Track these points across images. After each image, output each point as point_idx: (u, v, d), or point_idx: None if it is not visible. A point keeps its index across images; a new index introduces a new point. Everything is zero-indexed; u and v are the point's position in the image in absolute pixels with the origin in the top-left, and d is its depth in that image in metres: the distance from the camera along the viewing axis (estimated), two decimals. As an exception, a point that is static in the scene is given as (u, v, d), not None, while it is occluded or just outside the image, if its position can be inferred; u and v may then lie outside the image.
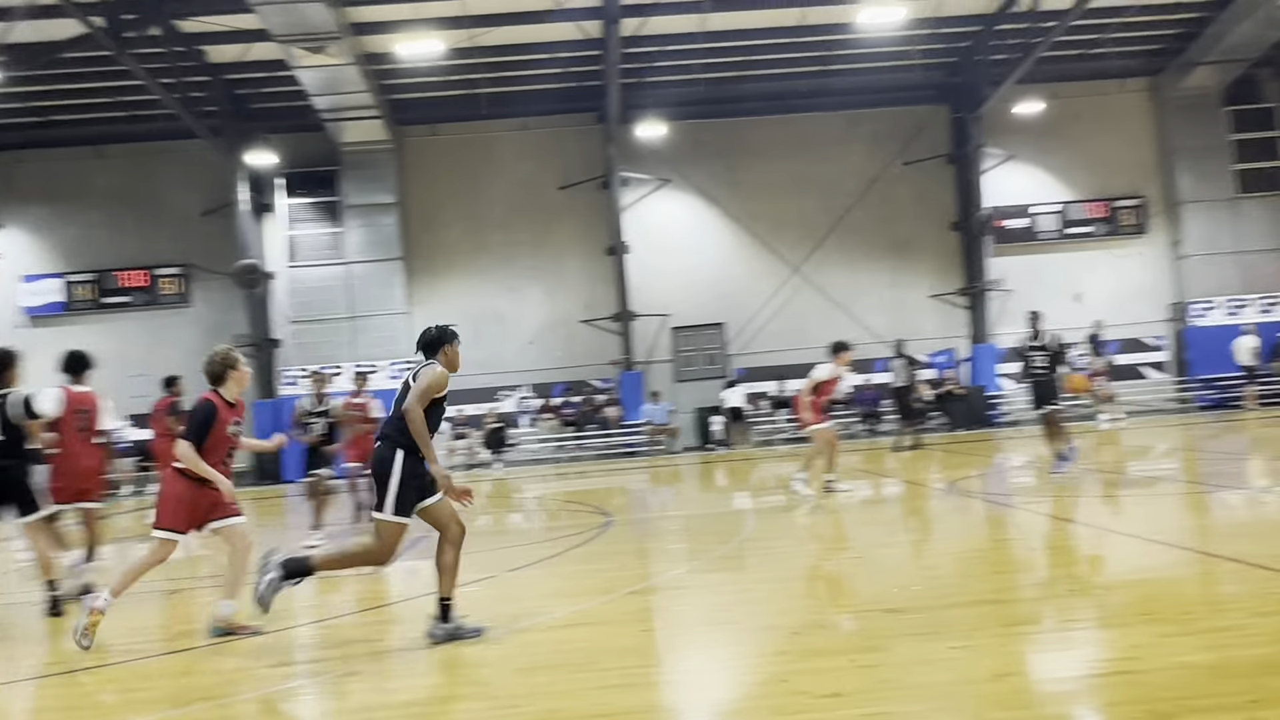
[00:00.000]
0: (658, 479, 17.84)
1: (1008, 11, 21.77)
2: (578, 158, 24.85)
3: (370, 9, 19.65)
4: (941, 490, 12.04)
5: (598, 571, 7.80)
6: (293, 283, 24.45)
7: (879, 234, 25.33)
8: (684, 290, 24.83)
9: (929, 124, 25.32)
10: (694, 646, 5.45)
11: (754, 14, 21.24)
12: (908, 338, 24.68)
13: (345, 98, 21.68)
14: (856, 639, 4.96)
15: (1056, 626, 5.25)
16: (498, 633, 5.66)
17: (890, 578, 6.67)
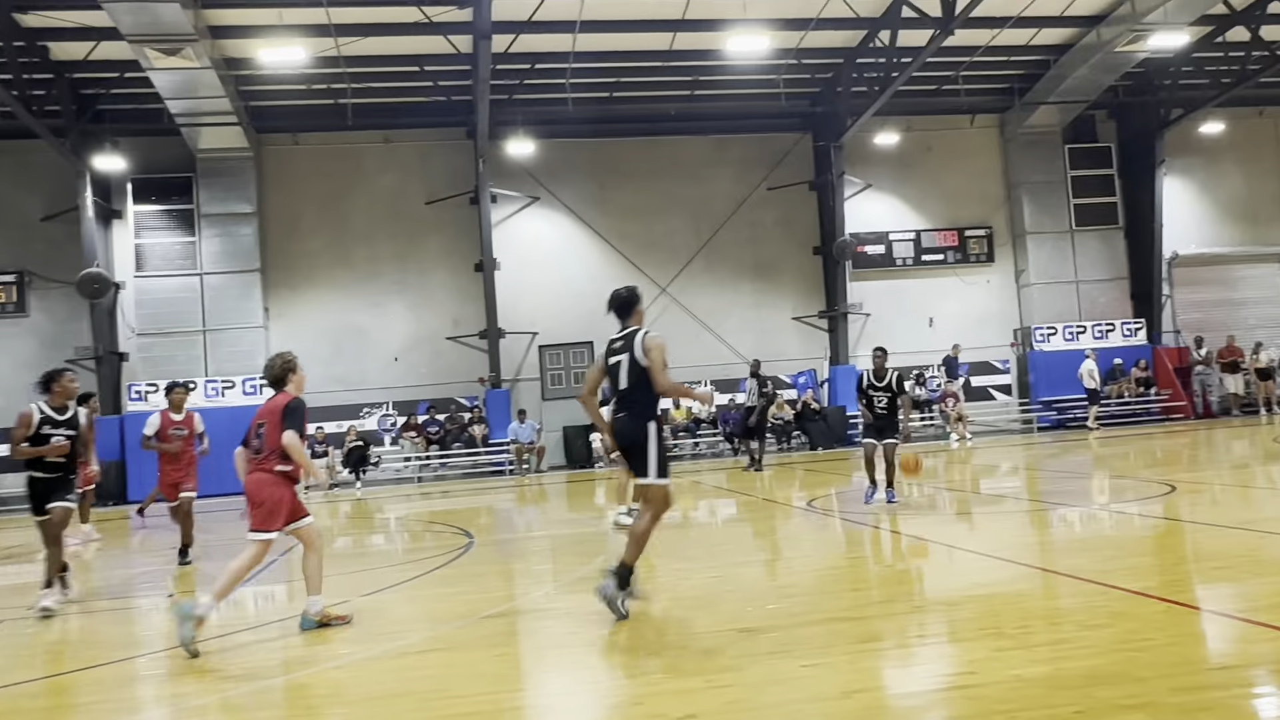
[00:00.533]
0: (523, 498, 17.70)
1: (867, 47, 22.62)
2: (446, 172, 24.56)
3: (230, 12, 18.99)
4: (800, 509, 12.32)
5: (458, 594, 7.67)
6: (141, 293, 23.32)
7: (744, 256, 25.89)
8: (552, 308, 24.78)
9: (793, 151, 26.06)
10: (550, 671, 5.41)
11: (625, 36, 21.46)
12: (771, 358, 25.42)
13: (202, 102, 20.87)
14: (712, 660, 5.00)
15: (904, 643, 5.41)
16: (349, 659, 5.49)
17: (747, 597, 6.77)
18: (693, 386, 11.09)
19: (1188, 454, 17.11)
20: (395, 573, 8.80)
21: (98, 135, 22.39)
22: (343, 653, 5.79)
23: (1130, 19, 21.63)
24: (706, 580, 7.55)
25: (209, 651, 6.25)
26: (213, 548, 11.65)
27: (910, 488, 13.18)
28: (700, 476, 18.43)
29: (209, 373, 23.07)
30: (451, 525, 12.81)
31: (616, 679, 5.04)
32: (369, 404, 23.96)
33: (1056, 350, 25.91)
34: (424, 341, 24.52)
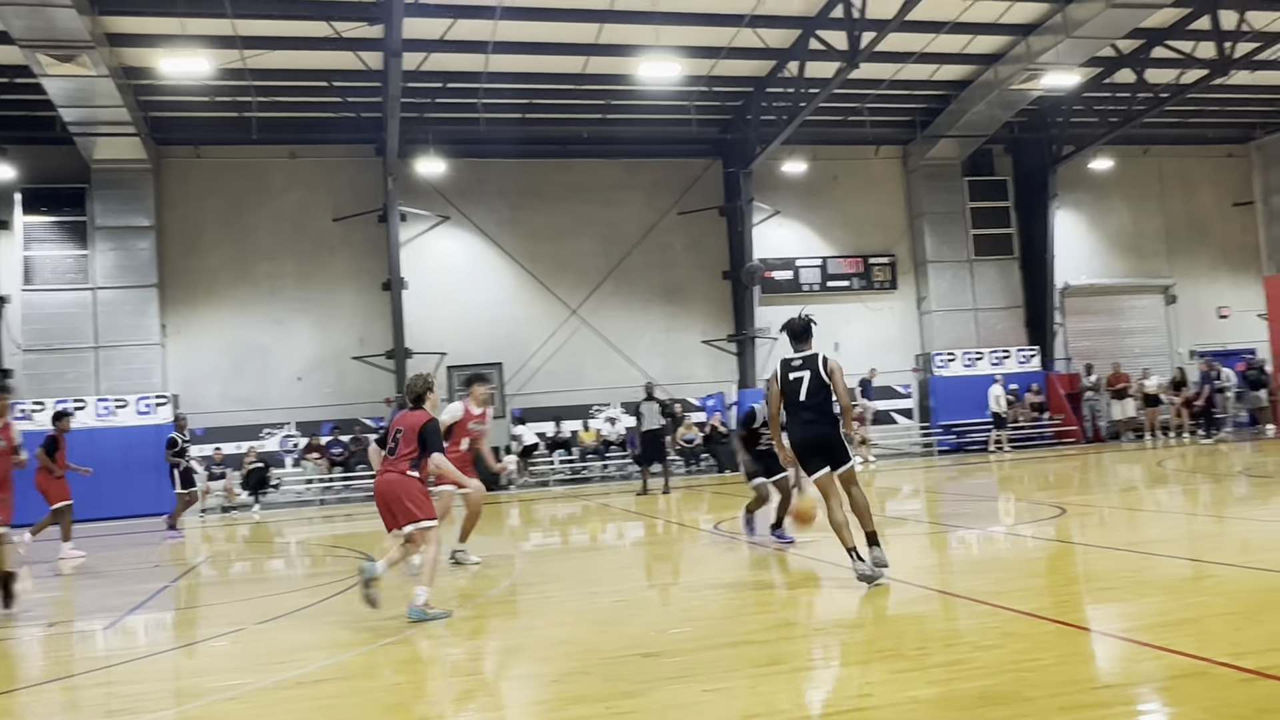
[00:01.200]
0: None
1: (776, 77, 23.09)
2: (354, 189, 24.19)
3: (131, 20, 18.44)
4: (707, 532, 12.40)
5: (359, 621, 7.49)
6: (28, 308, 22.37)
7: (655, 280, 26.07)
8: (462, 329, 24.57)
9: (703, 176, 26.39)
10: (450, 698, 5.33)
11: (538, 59, 21.50)
12: (681, 381, 25.62)
13: (98, 111, 20.19)
14: (614, 685, 4.99)
15: (804, 666, 5.49)
16: (243, 689, 5.33)
17: (652, 621, 6.78)
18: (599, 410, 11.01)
19: (1078, 477, 17.75)
20: (294, 598, 8.58)
21: (-16, 143, 21.47)
22: (236, 683, 5.61)
23: (1025, 58, 22.53)
24: (611, 604, 7.54)
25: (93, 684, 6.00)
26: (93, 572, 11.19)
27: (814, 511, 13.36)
28: (609, 499, 18.41)
29: (101, 391, 22.19)
30: (354, 550, 12.54)
31: (517, 706, 4.98)
32: (270, 424, 23.34)
33: (956, 375, 26.69)
34: (329, 361, 24.03)
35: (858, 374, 25.93)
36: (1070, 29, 20.97)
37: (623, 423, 24.61)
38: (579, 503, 17.30)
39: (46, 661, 7.03)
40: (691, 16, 20.17)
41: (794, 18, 20.85)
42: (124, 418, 21.72)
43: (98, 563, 12.86)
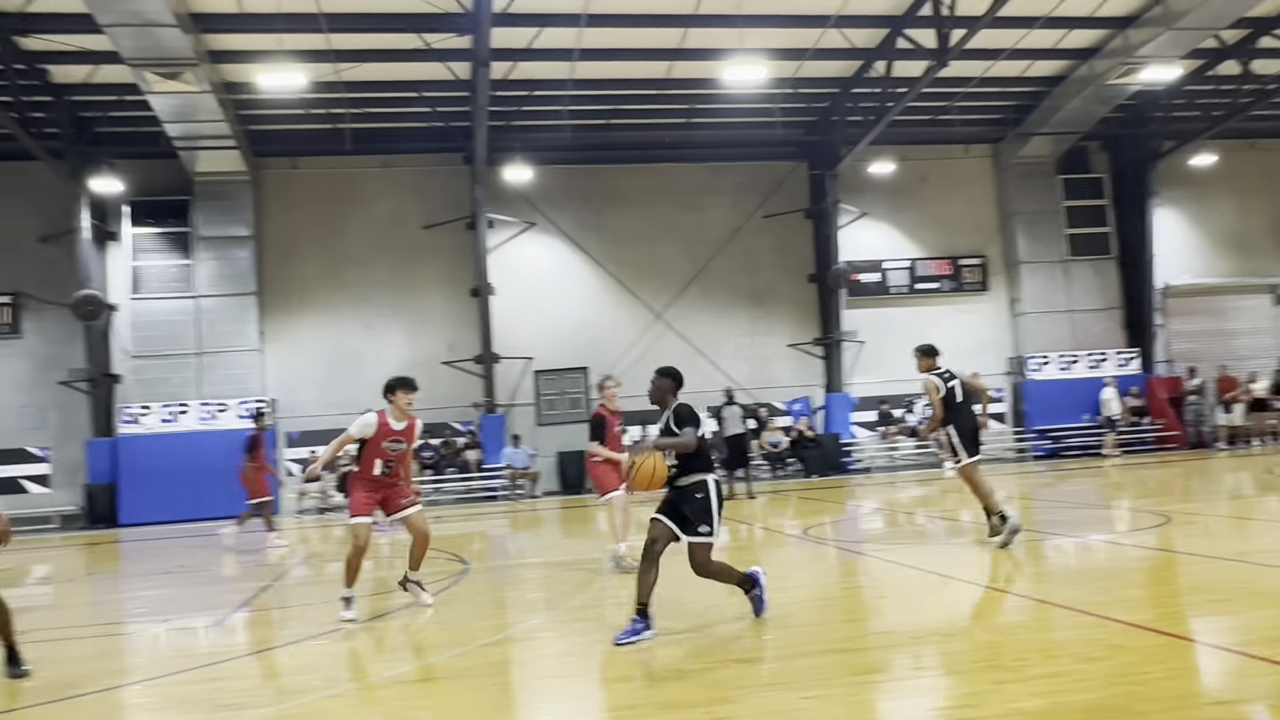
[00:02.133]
0: (517, 524, 17.64)
1: (863, 77, 22.82)
2: (443, 197, 24.65)
3: (230, 37, 19.09)
4: (795, 537, 12.30)
5: (452, 622, 7.63)
6: (136, 316, 23.28)
7: (739, 283, 25.97)
8: (548, 334, 24.83)
9: (788, 179, 26.20)
10: (547, 700, 5.38)
11: (622, 65, 21.61)
12: (766, 385, 25.49)
13: (200, 126, 20.93)
14: (710, 690, 4.98)
15: (902, 675, 5.40)
16: (346, 688, 5.46)
17: (743, 627, 6.75)
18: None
19: (1182, 484, 17.12)
20: (389, 599, 8.76)
21: (96, 158, 22.42)
22: (337, 681, 5.76)
23: (1123, 52, 21.86)
24: (701, 609, 7.53)
25: (201, 680, 6.21)
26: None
27: (900, 516, 13.20)
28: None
29: (203, 395, 23.01)
30: (445, 551, 12.76)
31: (613, 710, 5.01)
32: (364, 428, 23.85)
33: (1050, 379, 26.00)
34: (419, 366, 24.42)
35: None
36: (1171, 21, 20.27)
37: (707, 427, 24.52)
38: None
39: (158, 657, 7.31)
40: (777, 19, 20.07)
41: (881, 17, 20.59)
42: (224, 421, 22.47)
43: (203, 562, 13.31)
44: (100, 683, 6.22)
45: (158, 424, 22.54)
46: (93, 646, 7.80)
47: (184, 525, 19.85)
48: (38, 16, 17.83)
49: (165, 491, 21.50)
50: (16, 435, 22.81)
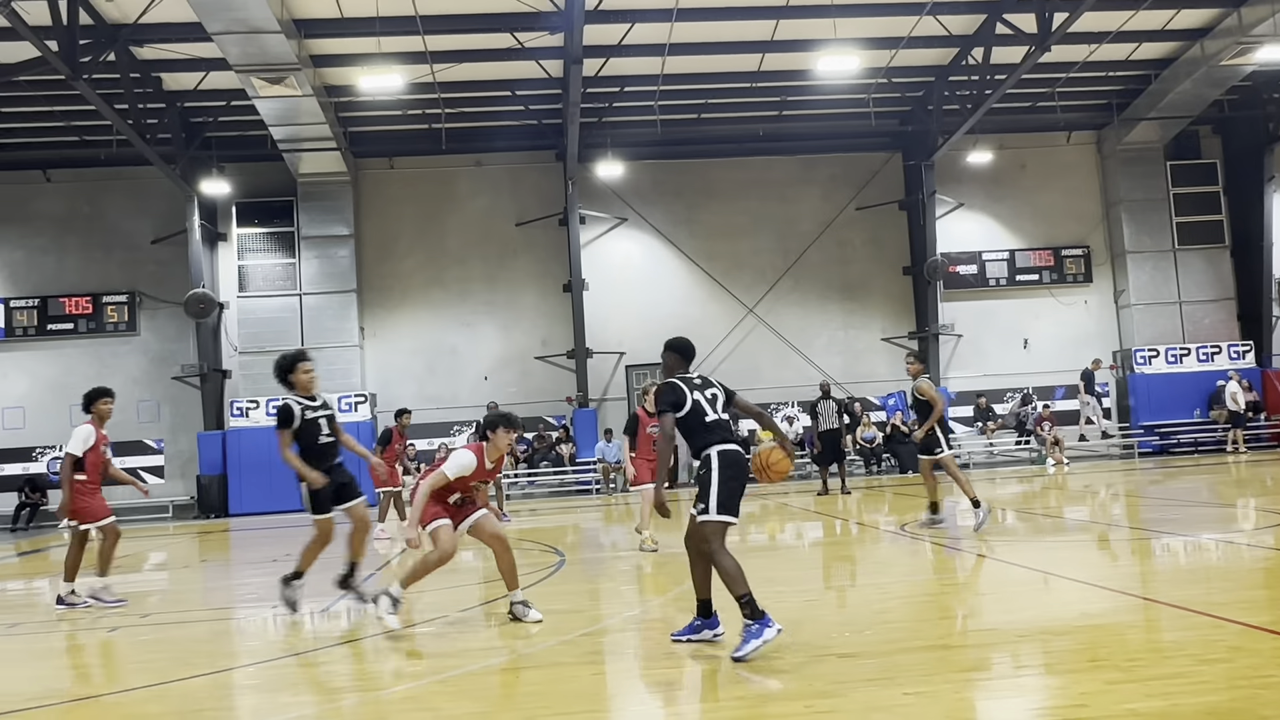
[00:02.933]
0: (610, 518, 17.76)
1: (959, 64, 22.32)
2: (536, 195, 24.96)
3: (331, 41, 19.64)
4: (890, 532, 12.12)
5: (550, 612, 7.72)
6: (243, 313, 24.15)
7: (832, 276, 25.69)
8: (640, 328, 24.91)
9: (882, 170, 25.82)
10: (646, 691, 5.41)
11: (713, 59, 21.55)
12: (860, 380, 25.16)
13: (303, 129, 21.58)
14: (811, 684, 4.95)
15: (1007, 673, 5.29)
16: (452, 673, 5.58)
17: (843, 621, 6.69)
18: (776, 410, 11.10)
19: (1302, 482, 16.35)
20: (487, 589, 8.92)
21: (205, 161, 23.34)
22: (443, 667, 5.88)
23: (1236, 32, 20.94)
24: (799, 603, 7.48)
25: (313, 664, 6.42)
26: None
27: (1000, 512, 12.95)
28: (787, 499, 18.27)
29: (307, 390, 23.69)
30: (540, 543, 12.93)
31: (713, 701, 5.01)
32: (460, 422, 24.36)
33: (1158, 373, 25.08)
34: (513, 361, 24.88)
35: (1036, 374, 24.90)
36: (1289, -3, 19.38)
37: (800, 422, 24.39)
38: (757, 502, 17.22)
39: (267, 641, 7.57)
40: (870, 7, 19.79)
41: (979, 2, 20.13)
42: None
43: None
44: (214, 664, 6.48)
45: (264, 418, 23.30)
46: (206, 630, 8.12)
47: (288, 515, 20.51)
48: (152, 26, 18.59)
49: (271, 483, 22.22)
50: (134, 428, 23.89)
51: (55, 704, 5.58)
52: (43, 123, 22.95)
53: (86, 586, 9.14)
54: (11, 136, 23.62)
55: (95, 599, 8.95)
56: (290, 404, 7.81)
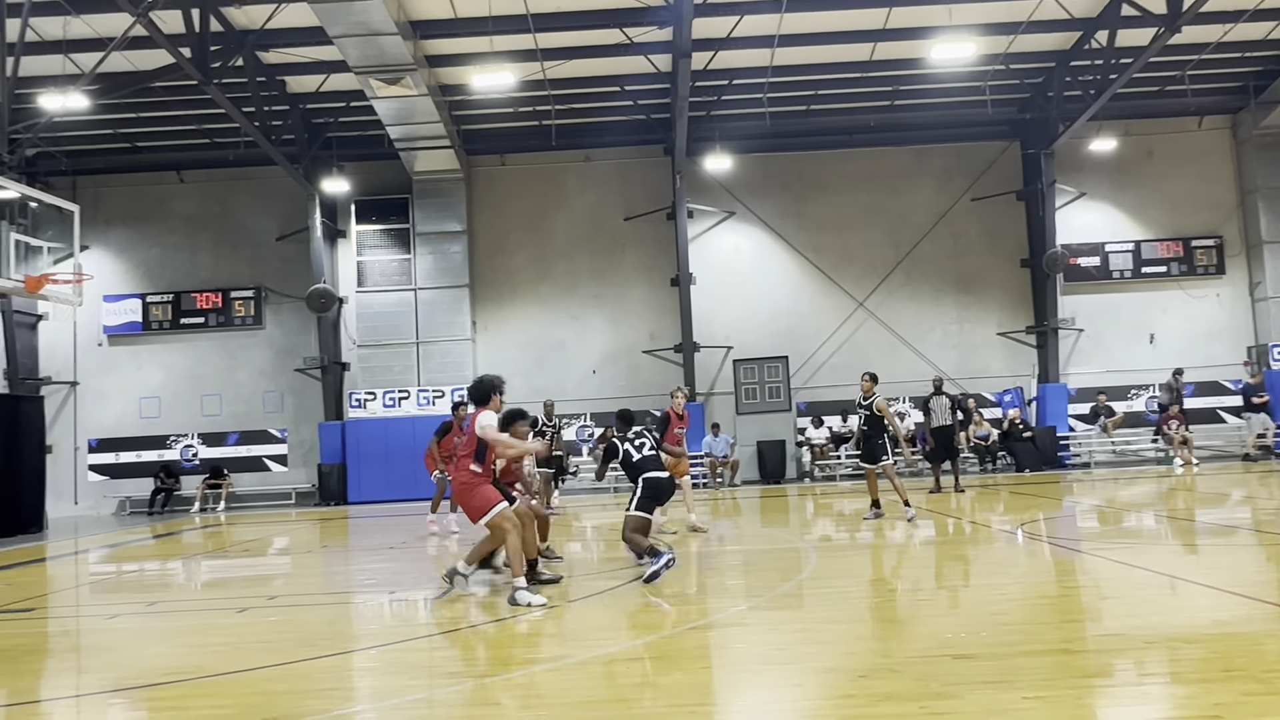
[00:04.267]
0: (717, 512, 17.73)
1: (1082, 49, 21.52)
2: (644, 189, 25.07)
3: (445, 42, 20.07)
4: (1006, 532, 11.79)
5: (657, 605, 7.77)
6: (361, 307, 24.92)
7: (946, 269, 25.10)
8: (748, 323, 24.83)
9: (999, 160, 25.10)
10: (756, 686, 5.39)
11: (823, 49, 21.26)
12: (974, 375, 24.51)
13: (418, 128, 22.14)
14: (926, 685, 4.85)
15: (1132, 680, 5.09)
16: (560, 663, 5.66)
17: (958, 622, 6.54)
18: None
19: None
20: (596, 581, 9.01)
21: (326, 161, 24.16)
22: (556, 655, 5.98)
23: (1389, 6, 19.66)
24: (912, 602, 7.35)
25: (425, 649, 6.60)
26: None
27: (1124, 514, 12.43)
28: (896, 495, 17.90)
29: (421, 382, 24.38)
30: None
31: (825, 699, 4.96)
32: (568, 415, 24.65)
33: (1298, 369, 23.75)
34: (621, 354, 25.06)
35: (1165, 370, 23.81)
36: None
37: (912, 418, 23.90)
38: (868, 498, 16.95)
39: (384, 625, 7.80)
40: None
41: (1103, -16, 19.37)
42: (441, 407, 23.69)
43: (424, 538, 14.09)
44: (334, 646, 6.71)
45: (381, 409, 24.07)
46: (328, 613, 8.42)
47: (404, 504, 21.11)
48: (277, 31, 19.33)
49: (388, 472, 22.98)
50: (260, 418, 24.94)
51: (185, 680, 5.86)
52: (177, 126, 24.11)
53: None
54: (149, 140, 24.87)
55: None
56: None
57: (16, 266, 13.31)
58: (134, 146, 25.04)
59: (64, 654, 7.27)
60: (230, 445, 24.98)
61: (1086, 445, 24.00)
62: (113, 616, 8.54)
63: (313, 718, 4.96)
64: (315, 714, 5.05)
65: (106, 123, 23.23)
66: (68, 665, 6.82)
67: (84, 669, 6.67)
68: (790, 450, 24.56)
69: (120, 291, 25.40)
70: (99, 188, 25.36)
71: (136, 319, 25.39)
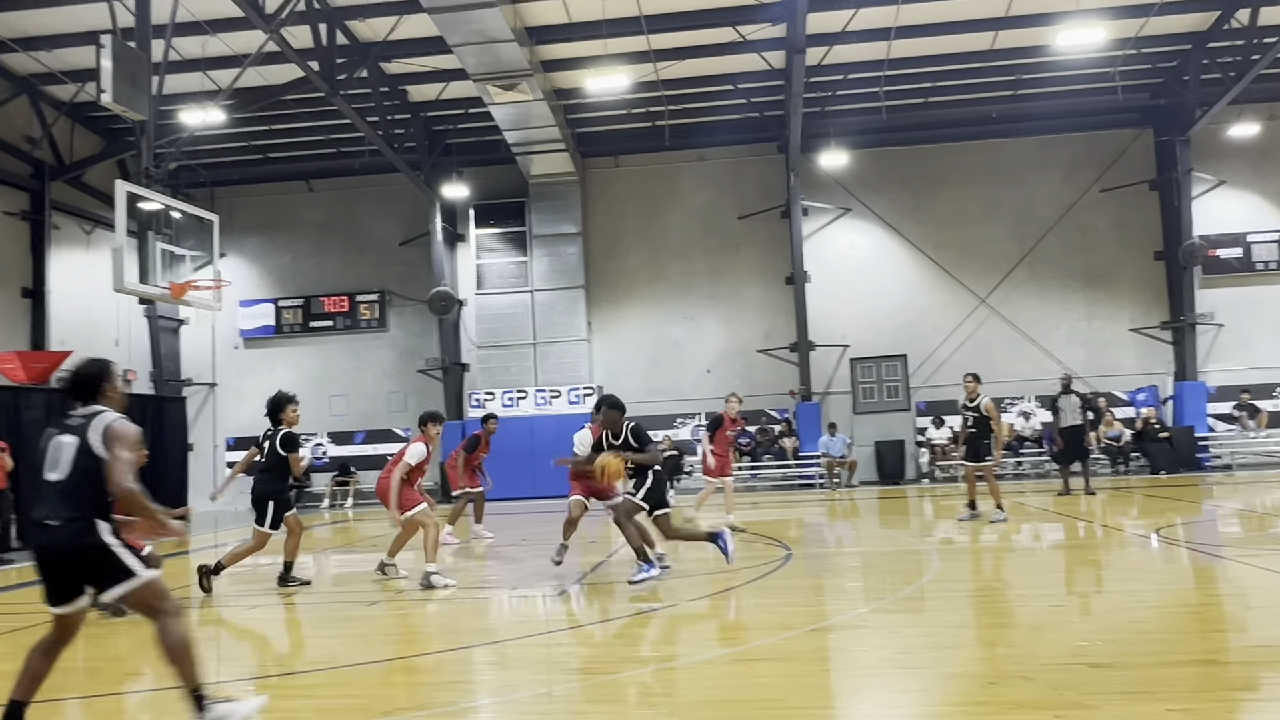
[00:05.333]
0: (835, 513, 17.50)
1: (1221, 29, 20.45)
2: (758, 187, 24.91)
3: (560, 46, 20.33)
4: (1142, 537, 11.29)
5: (778, 605, 7.71)
6: (480, 309, 25.46)
7: (1074, 264, 24.20)
8: (864, 321, 24.43)
9: (1130, 148, 24.07)
10: (883, 690, 5.29)
11: (942, 39, 20.74)
12: (1105, 373, 23.56)
13: (534, 132, 22.50)
14: (1061, 693, 4.69)
15: (1287, 694, 4.81)
16: (687, 661, 5.67)
17: (1092, 629, 6.30)
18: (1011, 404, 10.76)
19: None
20: (715, 580, 9.00)
21: (446, 167, 24.78)
22: (677, 654, 6.00)
23: None
24: (1043, 608, 7.10)
25: (552, 644, 6.70)
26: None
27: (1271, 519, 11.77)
28: (1023, 498, 17.38)
29: (538, 383, 24.77)
30: (763, 536, 12.91)
31: (955, 705, 4.84)
32: (682, 414, 24.70)
33: None
34: (735, 354, 24.96)
35: None
36: None
37: (1037, 418, 23.17)
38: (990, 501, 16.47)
39: (508, 621, 7.95)
40: (1117, -26, 18.47)
41: (1244, -41, 18.37)
42: (557, 407, 24.06)
43: (545, 536, 14.31)
44: (459, 640, 6.87)
45: (500, 408, 24.49)
46: (453, 608, 8.62)
47: (523, 502, 21.47)
48: (398, 43, 19.92)
49: (507, 470, 23.34)
50: (384, 418, 25.74)
51: (319, 669, 6.10)
52: (306, 138, 25.09)
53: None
54: (279, 151, 25.94)
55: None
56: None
57: (163, 274, 14.05)
58: (266, 158, 26.16)
59: (205, 642, 7.64)
60: (357, 444, 25.87)
61: (1228, 446, 22.79)
62: (253, 608, 8.94)
63: (439, 709, 5.10)
64: (442, 705, 5.19)
65: (240, 135, 24.33)
66: (208, 653, 7.17)
67: (224, 657, 7.00)
68: (910, 450, 24.06)
69: (254, 297, 26.57)
70: (234, 198, 26.58)
71: (269, 323, 26.54)
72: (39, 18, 18.58)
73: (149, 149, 15.28)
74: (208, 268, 15.23)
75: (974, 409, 13.37)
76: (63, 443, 4.50)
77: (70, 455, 4.46)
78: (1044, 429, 22.48)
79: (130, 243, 13.59)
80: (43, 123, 21.97)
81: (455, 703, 5.25)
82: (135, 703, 5.72)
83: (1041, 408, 22.75)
